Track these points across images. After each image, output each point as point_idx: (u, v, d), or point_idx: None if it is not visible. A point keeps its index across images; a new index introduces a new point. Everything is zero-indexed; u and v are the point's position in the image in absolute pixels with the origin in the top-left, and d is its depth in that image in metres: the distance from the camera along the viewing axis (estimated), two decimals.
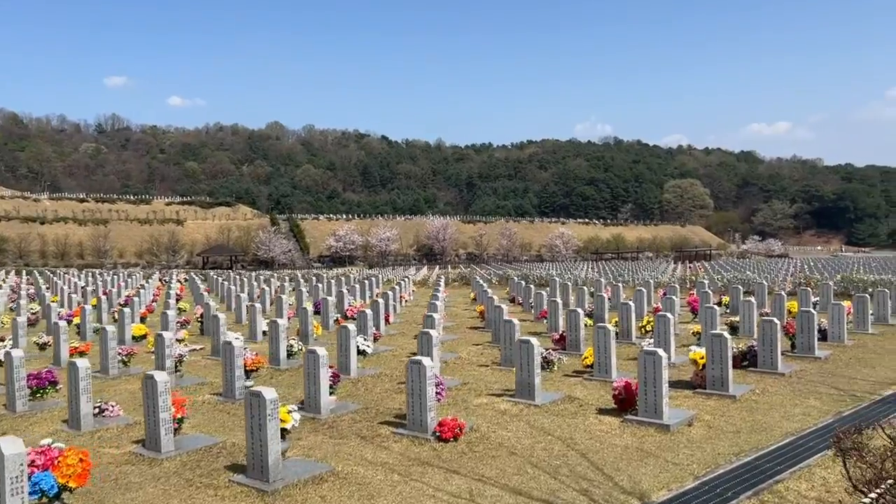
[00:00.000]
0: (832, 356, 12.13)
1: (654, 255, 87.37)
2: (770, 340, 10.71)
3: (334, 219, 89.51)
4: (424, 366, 7.51)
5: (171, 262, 73.56)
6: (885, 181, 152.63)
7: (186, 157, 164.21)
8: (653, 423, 7.91)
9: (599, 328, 10.44)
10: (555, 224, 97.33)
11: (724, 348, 9.28)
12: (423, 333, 9.98)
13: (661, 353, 7.99)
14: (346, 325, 10.86)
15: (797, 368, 11.06)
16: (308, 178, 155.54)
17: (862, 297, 14.66)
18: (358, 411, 8.85)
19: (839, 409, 8.63)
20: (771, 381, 10.25)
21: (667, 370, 8.02)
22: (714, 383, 9.44)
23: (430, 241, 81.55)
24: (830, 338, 13.41)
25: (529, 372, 9.01)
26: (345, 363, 10.94)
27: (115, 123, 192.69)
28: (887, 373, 10.76)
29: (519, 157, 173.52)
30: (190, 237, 78.31)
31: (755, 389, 9.68)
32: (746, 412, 8.61)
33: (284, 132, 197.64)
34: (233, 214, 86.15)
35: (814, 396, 9.33)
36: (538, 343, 9.06)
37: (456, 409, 8.89)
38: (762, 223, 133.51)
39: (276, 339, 11.83)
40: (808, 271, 45.06)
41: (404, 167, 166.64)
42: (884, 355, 12.25)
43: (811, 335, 11.95)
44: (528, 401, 9.00)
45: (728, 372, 9.31)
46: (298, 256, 76.84)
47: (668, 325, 11.71)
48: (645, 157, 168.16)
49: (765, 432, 7.76)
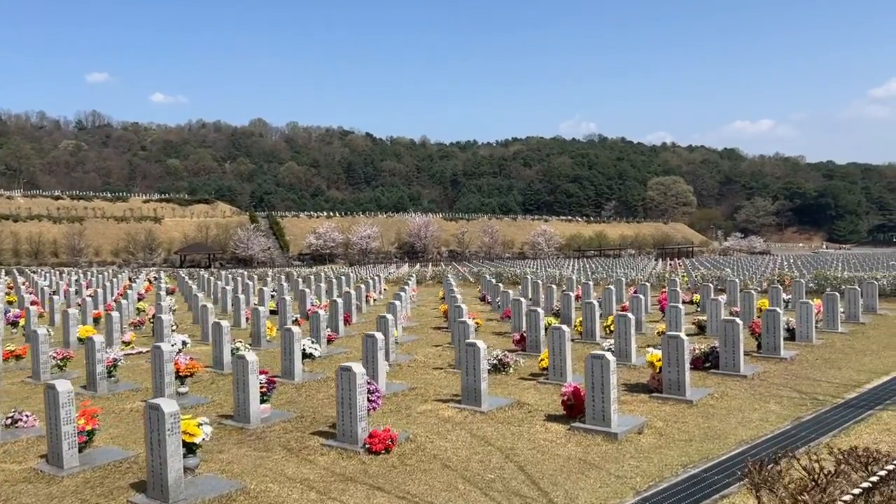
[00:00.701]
0: (798, 357, 11.76)
1: (637, 253, 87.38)
2: (732, 341, 10.29)
3: (315, 216, 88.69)
4: (354, 373, 6.99)
5: (148, 260, 72.46)
6: (866, 179, 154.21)
7: (168, 154, 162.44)
8: (600, 432, 7.45)
9: (554, 329, 9.97)
10: (538, 221, 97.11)
11: (680, 350, 8.84)
12: (368, 337, 9.45)
13: (609, 356, 7.52)
14: (290, 328, 10.31)
15: (761, 370, 10.66)
16: (291, 175, 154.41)
17: (832, 295, 14.32)
18: (292, 420, 8.30)
19: (799, 415, 8.22)
20: (732, 384, 9.84)
21: (615, 374, 7.56)
22: (670, 387, 9.00)
23: (412, 239, 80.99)
24: (799, 337, 13.05)
25: (476, 377, 8.51)
26: (289, 368, 10.39)
27: (96, 120, 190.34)
28: (852, 374, 10.39)
29: (504, 155, 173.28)
30: (167, 235, 77.19)
31: (714, 393, 9.25)
32: (702, 418, 8.18)
33: (268, 129, 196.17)
34: (211, 212, 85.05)
35: (774, 400, 8.93)
36: (485, 346, 8.56)
37: (397, 417, 8.38)
38: (745, 220, 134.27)
39: (220, 342, 11.26)
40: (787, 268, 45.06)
41: (389, 164, 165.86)
42: (851, 355, 11.89)
43: (776, 335, 11.57)
44: (474, 407, 8.51)
45: (685, 375, 8.87)
46: (278, 254, 75.96)
47: (628, 326, 11.28)
48: (629, 154, 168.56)
49: (718, 440, 7.33)
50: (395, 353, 12.04)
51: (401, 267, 55.41)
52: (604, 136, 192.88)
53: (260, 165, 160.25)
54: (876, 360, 11.48)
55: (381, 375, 9.38)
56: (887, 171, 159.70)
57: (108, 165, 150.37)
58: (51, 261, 68.03)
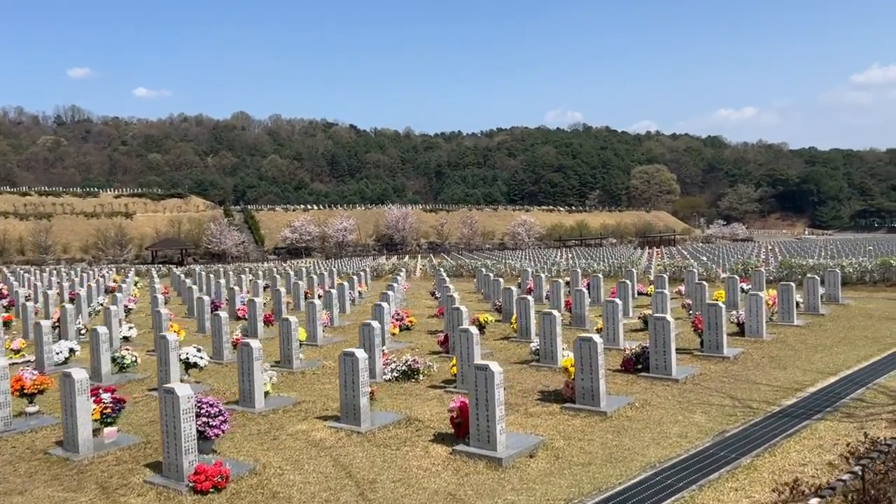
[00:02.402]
0: (743, 355, 10.70)
1: (619, 241, 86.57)
2: (662, 341, 9.21)
3: (291, 209, 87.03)
4: (178, 395, 5.81)
5: (119, 256, 70.77)
6: (848, 164, 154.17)
7: (149, 148, 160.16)
8: (484, 456, 6.33)
9: (462, 331, 8.83)
10: (518, 211, 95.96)
11: (594, 355, 7.73)
12: (244, 345, 8.27)
13: (494, 366, 6.40)
14: (165, 335, 9.10)
15: (696, 372, 9.58)
16: (274, 168, 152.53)
17: (786, 285, 13.28)
18: (132, 447, 7.12)
19: (724, 428, 7.14)
20: (660, 390, 8.75)
21: (501, 388, 6.43)
22: (584, 396, 7.90)
23: (390, 231, 79.64)
24: (748, 332, 12.01)
25: (355, 391, 7.35)
26: (164, 380, 9.19)
27: (76, 115, 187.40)
28: (797, 375, 9.33)
29: (488, 145, 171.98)
30: (139, 231, 75.41)
31: (635, 402, 8.15)
32: (613, 434, 7.08)
33: (250, 122, 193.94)
34: (185, 206, 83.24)
35: (702, 409, 7.84)
36: (365, 356, 7.40)
37: (259, 441, 7.22)
38: (728, 207, 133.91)
39: (98, 350, 10.03)
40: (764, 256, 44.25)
41: (373, 156, 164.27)
42: (801, 352, 10.85)
43: (719, 331, 10.51)
44: (352, 427, 7.36)
45: (599, 383, 7.77)
46: (253, 249, 74.45)
47: (553, 325, 10.17)
48: (613, 143, 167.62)
49: (622, 464, 6.23)
50: (300, 358, 10.86)
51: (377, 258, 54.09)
52: (588, 126, 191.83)
53: (242, 159, 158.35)
54: (827, 357, 10.45)
55: (257, 389, 8.21)
56: (869, 156, 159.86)
57: (88, 161, 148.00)
58: (17, 259, 66.23)
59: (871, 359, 10.22)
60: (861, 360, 10.10)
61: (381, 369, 9.65)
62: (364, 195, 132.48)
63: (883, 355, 10.43)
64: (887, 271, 19.03)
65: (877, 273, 19.44)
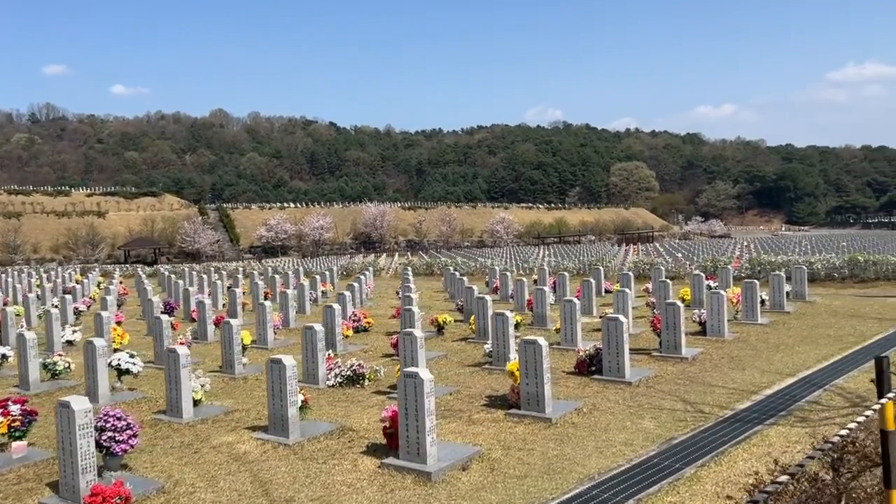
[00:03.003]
0: (702, 355, 10.41)
1: (597, 239, 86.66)
2: (615, 342, 8.86)
3: (267, 208, 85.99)
4: (73, 409, 5.33)
5: (90, 256, 69.38)
6: (824, 161, 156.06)
7: (126, 146, 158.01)
8: (413, 470, 5.92)
9: (405, 334, 8.41)
10: (497, 209, 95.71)
11: (538, 358, 7.35)
12: (170, 351, 7.78)
13: (424, 373, 5.98)
14: (92, 340, 8.57)
15: (651, 374, 9.26)
16: (253, 166, 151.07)
17: (750, 283, 13.03)
18: (40, 464, 6.61)
19: (672, 435, 6.79)
20: (611, 393, 8.40)
21: (432, 397, 6.02)
22: (529, 402, 7.51)
23: (368, 229, 78.94)
24: (710, 331, 11.73)
25: (282, 401, 6.90)
26: (92, 388, 8.67)
27: (50, 113, 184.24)
28: (755, 376, 9.04)
29: (468, 143, 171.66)
30: (111, 230, 73.98)
31: (583, 407, 7.79)
32: (555, 442, 6.71)
33: (229, 120, 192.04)
34: (158, 205, 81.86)
35: (652, 415, 7.50)
36: (293, 363, 6.95)
37: (179, 455, 6.75)
38: (706, 204, 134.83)
39: (25, 356, 9.47)
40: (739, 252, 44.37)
41: (353, 154, 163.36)
42: (762, 352, 10.58)
43: (677, 332, 10.20)
44: (280, 439, 6.91)
45: (543, 388, 7.39)
46: (229, 248, 73.40)
47: (506, 325, 9.78)
48: (592, 140, 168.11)
49: (560, 476, 5.85)
50: (243, 363, 10.37)
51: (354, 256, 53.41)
52: (568, 123, 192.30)
53: (221, 157, 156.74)
54: (788, 356, 10.18)
55: (185, 397, 7.73)
56: (844, 153, 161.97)
57: (63, 159, 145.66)
58: None
59: (832, 358, 9.97)
60: (821, 360, 9.84)
61: (324, 375, 9.20)
62: (344, 193, 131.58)
63: (843, 354, 10.19)
64: (855, 267, 18.93)
65: (846, 269, 19.34)
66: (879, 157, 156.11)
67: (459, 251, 66.75)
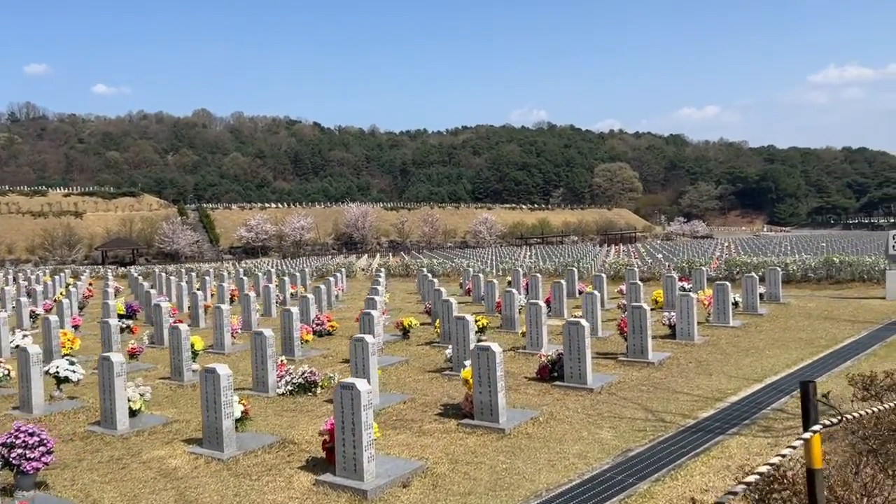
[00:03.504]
0: (670, 360, 10.11)
1: (580, 239, 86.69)
2: (577, 347, 8.52)
3: (248, 208, 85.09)
4: None
5: (67, 257, 68.20)
6: (805, 162, 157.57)
7: (107, 146, 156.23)
8: (349, 488, 5.53)
9: (356, 340, 8.02)
10: (480, 209, 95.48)
11: (492, 365, 7.00)
12: (103, 359, 7.32)
13: (361, 384, 5.59)
14: (25, 347, 8.09)
15: (615, 380, 8.93)
16: (236, 166, 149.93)
17: (722, 284, 12.78)
18: None
19: (629, 446, 6.46)
20: (572, 401, 8.07)
21: (370, 410, 5.63)
22: (482, 412, 7.15)
23: (350, 230, 78.33)
24: (679, 335, 11.45)
25: (217, 412, 6.48)
26: (26, 398, 8.18)
27: (30, 112, 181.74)
28: (722, 382, 8.74)
29: (453, 143, 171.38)
30: (89, 230, 72.82)
31: (540, 416, 7.44)
32: (506, 455, 6.35)
33: (212, 120, 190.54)
34: (137, 205, 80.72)
35: (611, 424, 7.17)
36: (228, 372, 6.53)
37: (107, 470, 6.31)
38: (689, 205, 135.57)
39: None
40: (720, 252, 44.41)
41: (337, 154, 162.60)
42: (731, 356, 10.30)
43: (644, 335, 9.89)
44: (214, 452, 6.48)
45: (497, 397, 7.03)
46: (208, 248, 72.49)
47: (466, 330, 9.41)
48: (576, 141, 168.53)
49: (506, 492, 5.49)
50: (193, 370, 9.91)
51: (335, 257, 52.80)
52: (552, 124, 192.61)
53: (203, 157, 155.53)
54: (757, 361, 9.91)
55: (119, 408, 7.28)
56: (825, 154, 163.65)
57: (43, 159, 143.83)
58: None
59: (802, 363, 9.72)
60: (791, 365, 9.58)
61: (274, 382, 8.78)
62: (328, 193, 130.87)
63: (814, 359, 9.95)
64: (830, 269, 18.80)
65: (822, 271, 19.20)
66: (859, 159, 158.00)
67: (441, 252, 66.43)
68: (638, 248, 53.40)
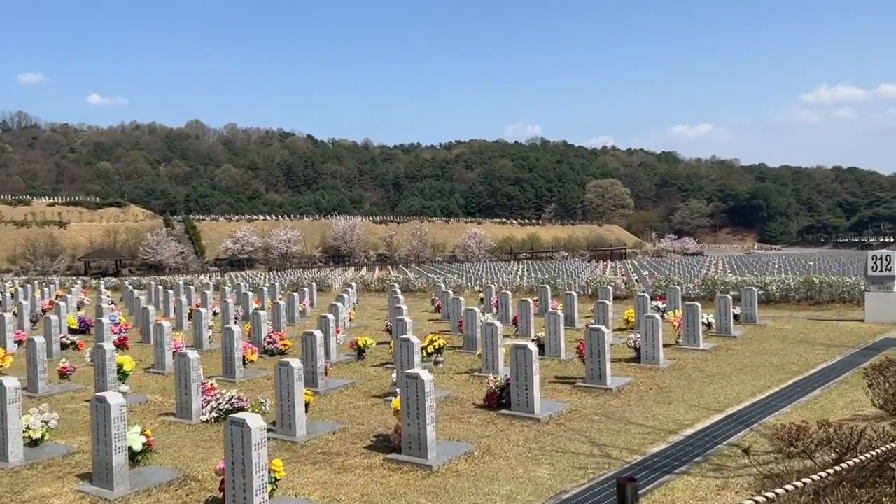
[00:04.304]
0: (629, 386, 9.52)
1: (570, 255, 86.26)
2: (525, 373, 7.92)
3: (235, 220, 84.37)
4: None
5: (49, 267, 67.24)
6: (796, 181, 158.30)
7: (99, 156, 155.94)
8: None
9: (281, 365, 7.40)
10: (470, 224, 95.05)
11: (420, 395, 6.39)
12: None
13: (253, 420, 4.97)
14: None
15: (566, 409, 8.33)
16: (228, 178, 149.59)
17: (692, 305, 12.22)
18: None
19: (564, 488, 5.85)
20: (515, 431, 7.45)
21: (264, 449, 5.01)
22: (410, 445, 6.53)
23: (337, 243, 77.66)
24: (644, 358, 10.87)
25: (107, 446, 5.83)
26: None
27: (22, 121, 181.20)
28: (680, 412, 8.15)
29: (446, 158, 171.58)
30: (72, 240, 71.93)
31: (475, 451, 6.82)
32: (428, 496, 5.73)
33: (205, 131, 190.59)
34: (123, 215, 79.91)
35: (551, 460, 6.55)
36: (121, 401, 5.90)
37: None
38: (680, 222, 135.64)
39: None
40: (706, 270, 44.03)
41: (330, 167, 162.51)
42: (695, 382, 9.72)
43: (602, 359, 9.30)
44: (102, 490, 5.84)
45: (426, 430, 6.42)
46: (193, 260, 71.65)
47: (411, 353, 8.81)
48: (569, 157, 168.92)
49: None
50: (122, 392, 9.24)
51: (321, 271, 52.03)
52: (546, 140, 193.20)
53: (196, 168, 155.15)
54: (722, 388, 9.33)
55: (11, 439, 6.63)
56: (816, 173, 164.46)
57: (34, 168, 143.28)
58: None
59: (769, 390, 9.14)
60: (757, 393, 9.00)
61: (198, 408, 8.13)
62: (320, 206, 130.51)
63: (782, 386, 9.37)
64: (811, 289, 18.30)
65: (802, 291, 18.70)
66: (850, 178, 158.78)
67: (429, 266, 65.85)
68: (626, 265, 52.99)
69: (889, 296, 14.45)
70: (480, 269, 50.65)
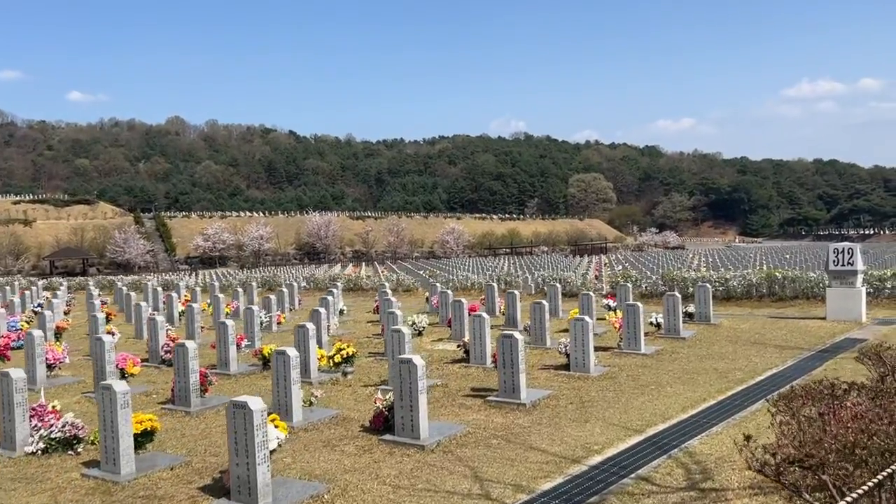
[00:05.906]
0: (547, 400, 8.36)
1: (550, 250, 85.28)
2: (409, 390, 6.73)
3: (207, 216, 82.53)
4: None
5: (13, 267, 65.21)
6: (777, 174, 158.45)
7: (77, 153, 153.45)
8: None
9: (103, 388, 6.14)
10: (449, 219, 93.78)
11: (249, 427, 5.18)
12: None
13: None
14: None
15: (462, 431, 7.14)
16: (209, 174, 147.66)
17: (632, 305, 11.09)
18: None
19: None
20: (391, 463, 6.26)
21: None
22: (240, 490, 5.31)
23: (312, 239, 76.10)
24: (574, 366, 9.73)
25: None
26: None
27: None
28: (595, 433, 6.99)
29: (429, 153, 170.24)
30: (37, 239, 69.88)
31: (327, 492, 5.61)
32: None
33: (185, 127, 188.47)
34: (91, 213, 77.86)
35: (418, 502, 5.36)
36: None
37: None
38: (662, 216, 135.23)
39: None
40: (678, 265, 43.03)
41: (312, 163, 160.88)
42: (624, 394, 8.58)
43: (515, 370, 8.14)
44: None
45: (255, 470, 5.21)
46: (163, 258, 69.88)
47: (287, 367, 7.59)
48: (552, 152, 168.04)
49: None
50: None
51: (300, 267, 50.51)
52: (529, 135, 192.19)
53: (176, 165, 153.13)
54: (651, 401, 8.19)
55: None
56: (797, 166, 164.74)
57: (10, 166, 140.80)
58: None
59: (704, 403, 8.02)
60: (689, 407, 7.87)
61: (25, 437, 6.87)
62: (302, 202, 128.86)
63: (720, 398, 8.26)
64: (773, 285, 17.28)
65: (765, 287, 17.68)
66: (830, 171, 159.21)
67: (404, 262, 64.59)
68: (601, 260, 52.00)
69: (851, 292, 13.42)
70: (452, 265, 49.46)
